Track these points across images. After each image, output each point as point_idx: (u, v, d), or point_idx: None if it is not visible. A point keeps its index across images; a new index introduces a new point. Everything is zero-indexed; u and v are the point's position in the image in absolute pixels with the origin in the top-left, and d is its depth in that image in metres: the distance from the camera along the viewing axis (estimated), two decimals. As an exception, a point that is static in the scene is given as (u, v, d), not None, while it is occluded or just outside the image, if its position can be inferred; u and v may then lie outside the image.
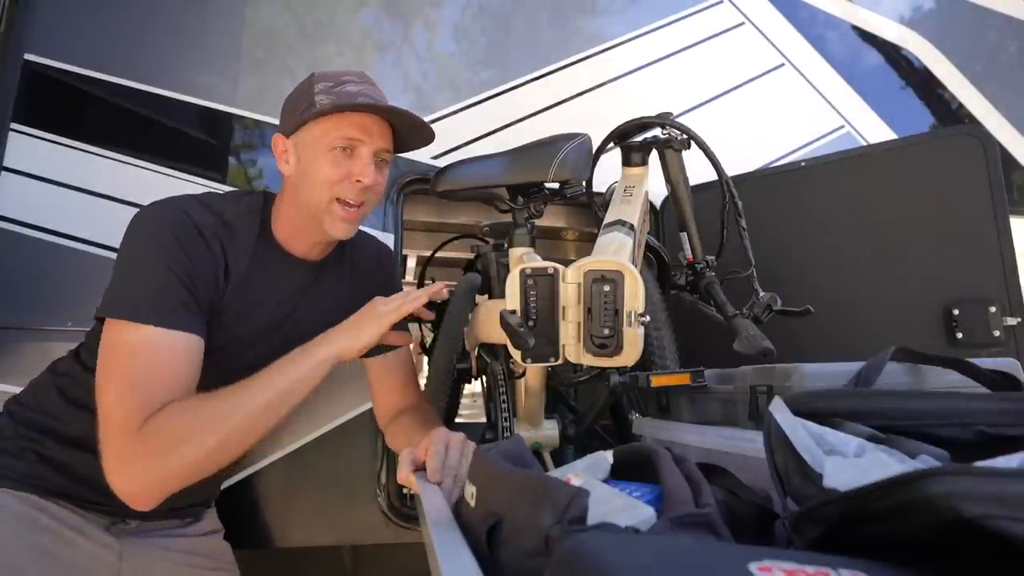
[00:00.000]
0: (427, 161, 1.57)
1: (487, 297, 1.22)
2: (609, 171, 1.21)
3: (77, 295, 1.31)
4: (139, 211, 0.86)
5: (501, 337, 0.82)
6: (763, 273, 1.09)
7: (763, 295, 1.03)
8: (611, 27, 1.86)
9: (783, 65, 1.98)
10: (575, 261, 0.72)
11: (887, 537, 0.30)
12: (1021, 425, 0.45)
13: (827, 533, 0.34)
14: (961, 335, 1.26)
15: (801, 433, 0.42)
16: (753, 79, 1.94)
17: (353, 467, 1.42)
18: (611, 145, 1.18)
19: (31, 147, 1.35)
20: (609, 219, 0.92)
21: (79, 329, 1.22)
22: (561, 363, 0.75)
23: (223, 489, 1.19)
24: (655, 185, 1.21)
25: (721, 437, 0.75)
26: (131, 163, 1.41)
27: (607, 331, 0.70)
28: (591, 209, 1.27)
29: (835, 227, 1.44)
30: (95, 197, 1.37)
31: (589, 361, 0.73)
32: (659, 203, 1.69)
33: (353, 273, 1.05)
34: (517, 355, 0.74)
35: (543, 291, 0.73)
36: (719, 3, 1.96)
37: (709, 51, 1.92)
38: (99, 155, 1.39)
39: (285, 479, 1.37)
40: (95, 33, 1.44)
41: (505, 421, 1.09)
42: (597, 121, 1.22)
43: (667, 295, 1.24)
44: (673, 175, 1.15)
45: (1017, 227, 1.26)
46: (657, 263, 1.28)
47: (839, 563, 0.27)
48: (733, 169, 1.17)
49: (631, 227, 0.88)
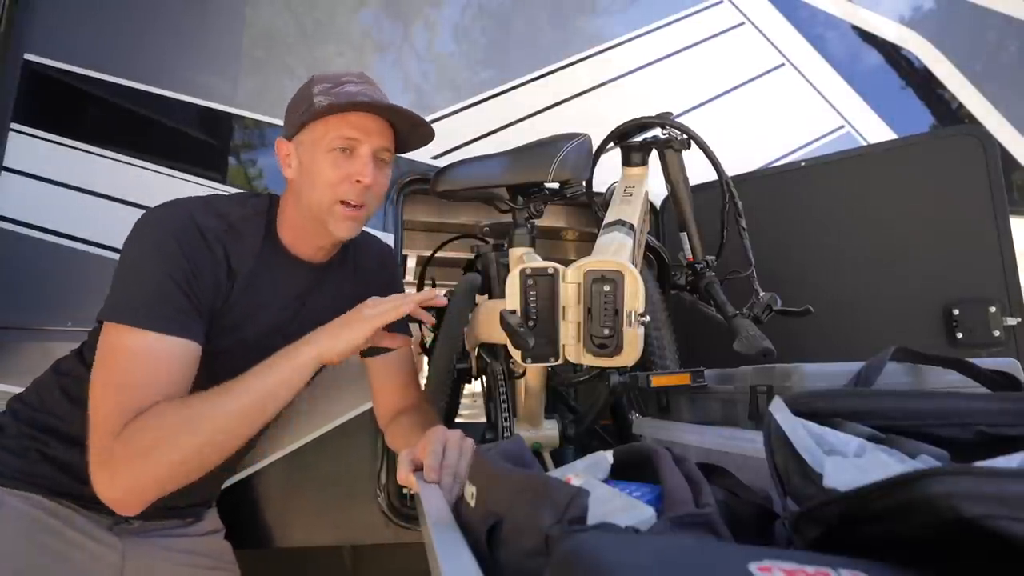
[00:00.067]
0: (427, 161, 1.57)
1: (487, 297, 1.22)
2: (609, 171, 1.21)
3: (77, 295, 1.30)
4: (145, 213, 0.86)
5: (501, 337, 0.82)
6: (763, 273, 1.09)
7: (763, 295, 1.03)
8: (611, 27, 1.85)
9: (783, 65, 1.97)
10: (575, 261, 0.72)
11: (887, 537, 0.30)
12: (1021, 425, 0.45)
13: (827, 533, 0.34)
14: (961, 335, 1.26)
15: (801, 433, 0.42)
16: (753, 79, 1.94)
17: (353, 467, 1.42)
18: (611, 145, 1.18)
19: (31, 147, 1.35)
20: (609, 219, 0.92)
21: (79, 329, 1.23)
22: (561, 363, 0.75)
23: (223, 489, 1.19)
24: (655, 185, 1.21)
25: (721, 437, 0.75)
26: (131, 163, 1.41)
27: (607, 331, 0.70)
28: (591, 209, 1.27)
29: (835, 227, 1.44)
30: (95, 197, 1.37)
31: (589, 361, 0.73)
32: (659, 203, 1.69)
33: (356, 274, 1.05)
34: (517, 355, 0.74)
35: (543, 291, 0.73)
36: (719, 3, 1.96)
37: (709, 51, 1.92)
38: (99, 155, 1.39)
39: (285, 479, 1.37)
40: (95, 33, 1.43)
41: (505, 421, 1.09)
42: (597, 121, 1.22)
43: (667, 295, 1.24)
44: (673, 175, 1.15)
45: (1017, 227, 1.26)
46: (657, 263, 1.28)
47: (839, 563, 0.27)
48: (733, 169, 1.17)
49: (631, 227, 0.88)
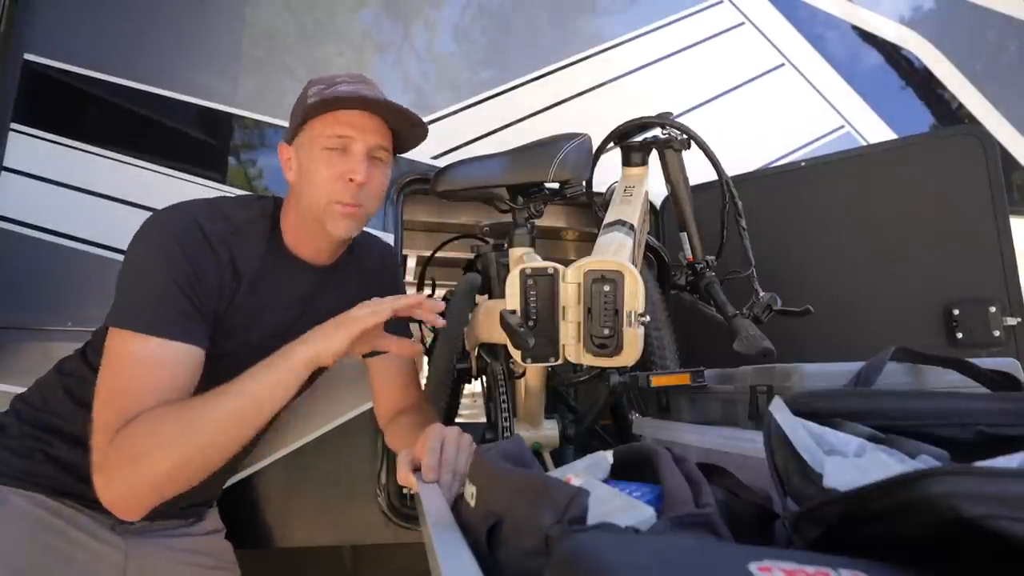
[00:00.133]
0: (427, 161, 1.57)
1: (487, 297, 1.22)
2: (609, 171, 1.21)
3: (77, 295, 1.31)
4: (150, 216, 0.85)
5: (501, 337, 0.82)
6: (763, 273, 1.09)
7: (763, 295, 1.03)
8: (611, 27, 1.86)
9: (783, 65, 1.97)
10: (575, 261, 0.72)
11: (887, 537, 0.30)
12: (1021, 425, 0.45)
13: (827, 533, 0.34)
14: (961, 335, 1.26)
15: (801, 433, 0.42)
16: (753, 79, 1.94)
17: (353, 467, 1.42)
18: (611, 145, 1.18)
19: (31, 147, 1.35)
20: (609, 219, 0.92)
21: (80, 329, 1.23)
22: (561, 363, 0.75)
23: (223, 489, 1.19)
24: (655, 185, 1.21)
25: (721, 437, 0.75)
26: (131, 163, 1.41)
27: (607, 331, 0.70)
28: (591, 209, 1.27)
29: (835, 227, 1.44)
30: (95, 197, 1.37)
31: (589, 361, 0.73)
32: (659, 203, 1.69)
33: (359, 274, 1.05)
34: (517, 355, 0.74)
35: (543, 291, 0.73)
36: (719, 3, 1.96)
37: (709, 51, 1.92)
38: (99, 155, 1.39)
39: (285, 479, 1.37)
40: (95, 33, 1.43)
41: (505, 421, 1.09)
42: (597, 121, 1.22)
43: (667, 295, 1.24)
44: (673, 175, 1.15)
45: (1017, 227, 1.26)
46: (657, 263, 1.28)
47: (839, 563, 0.27)
48: (733, 169, 1.17)
49: (631, 227, 0.88)
